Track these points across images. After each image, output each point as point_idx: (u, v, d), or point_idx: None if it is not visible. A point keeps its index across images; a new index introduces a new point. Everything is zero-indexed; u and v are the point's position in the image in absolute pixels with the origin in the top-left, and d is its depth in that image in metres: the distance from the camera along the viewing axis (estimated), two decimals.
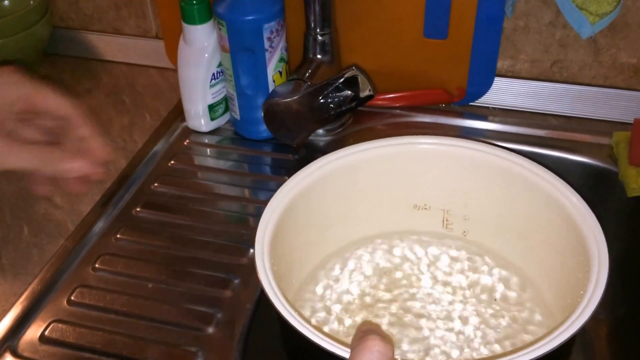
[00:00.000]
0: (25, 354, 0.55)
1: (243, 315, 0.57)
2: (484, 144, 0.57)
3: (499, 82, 0.79)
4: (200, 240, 0.65)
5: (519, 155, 0.55)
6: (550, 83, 0.79)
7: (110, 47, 0.94)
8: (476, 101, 0.81)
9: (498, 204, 0.58)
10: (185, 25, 0.74)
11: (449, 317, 0.55)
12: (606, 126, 0.76)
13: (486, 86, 0.79)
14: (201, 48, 0.74)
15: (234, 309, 0.58)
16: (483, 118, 0.79)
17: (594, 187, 0.72)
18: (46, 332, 0.56)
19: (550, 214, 0.53)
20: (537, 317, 0.55)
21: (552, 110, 0.79)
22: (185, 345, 0.55)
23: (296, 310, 0.43)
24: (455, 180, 0.59)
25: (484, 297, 0.57)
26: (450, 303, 0.57)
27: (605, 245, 0.47)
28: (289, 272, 0.55)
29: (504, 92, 0.80)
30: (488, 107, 0.81)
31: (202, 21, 0.73)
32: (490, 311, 0.56)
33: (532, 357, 0.39)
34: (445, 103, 0.81)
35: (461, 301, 0.57)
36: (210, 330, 0.56)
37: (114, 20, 0.92)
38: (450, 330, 0.54)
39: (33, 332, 0.56)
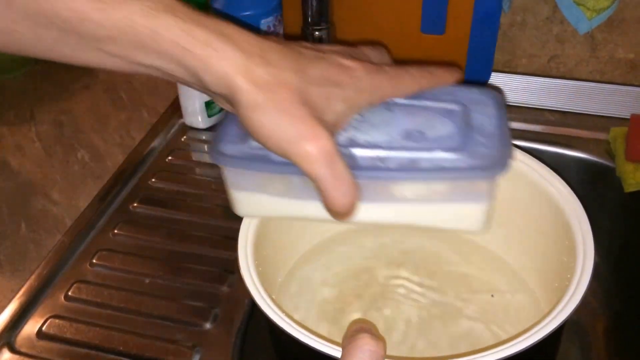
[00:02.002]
0: (23, 349, 0.55)
1: (240, 311, 0.57)
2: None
3: (496, 78, 0.79)
4: (198, 235, 0.65)
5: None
6: (547, 78, 0.79)
7: None
8: None
9: None
10: None
11: (432, 306, 0.55)
12: (603, 121, 0.76)
13: (483, 81, 0.79)
14: None
15: (231, 304, 0.58)
16: None
17: (591, 183, 0.72)
18: (44, 328, 0.56)
19: (531, 197, 0.53)
20: (521, 300, 0.55)
21: (549, 105, 0.79)
22: (182, 340, 0.55)
23: (283, 311, 0.43)
24: None
25: (465, 284, 0.56)
26: (434, 290, 0.56)
27: (589, 228, 0.46)
28: (274, 270, 0.54)
29: (501, 87, 0.80)
30: None
31: None
32: (474, 298, 0.55)
33: (523, 346, 0.39)
34: None
35: (442, 289, 0.56)
36: (208, 325, 0.56)
37: None
38: (434, 316, 0.54)
39: (30, 328, 0.57)
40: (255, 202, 0.44)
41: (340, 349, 0.37)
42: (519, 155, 0.53)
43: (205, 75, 0.36)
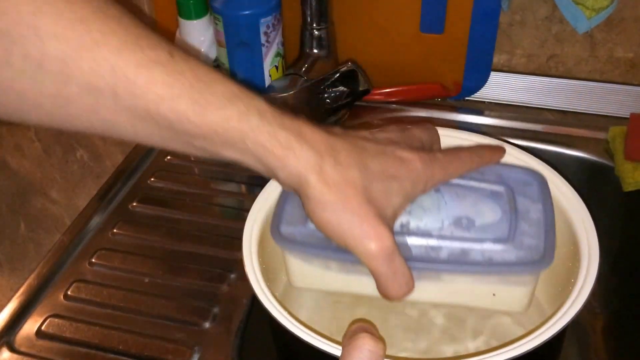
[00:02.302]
0: (22, 348, 0.55)
1: (239, 310, 0.57)
2: (472, 133, 0.56)
3: (495, 77, 0.79)
4: (197, 235, 0.65)
5: (506, 144, 0.54)
6: (546, 78, 0.79)
7: None
8: (472, 96, 0.81)
9: None
10: (181, 20, 0.74)
11: (434, 306, 0.55)
12: (602, 121, 0.76)
13: (482, 81, 0.79)
14: (197, 43, 0.74)
15: (230, 303, 0.58)
16: (479, 112, 0.79)
17: (590, 182, 0.72)
18: (43, 327, 0.57)
19: None
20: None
21: (548, 104, 0.79)
22: (181, 340, 0.55)
23: (286, 308, 0.43)
24: None
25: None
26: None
27: (595, 234, 0.47)
28: (278, 268, 0.54)
29: (500, 86, 0.80)
30: (484, 102, 0.81)
31: (198, 16, 0.73)
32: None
33: (526, 349, 0.39)
34: (442, 97, 0.81)
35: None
36: (207, 325, 0.56)
37: None
38: (436, 321, 0.54)
39: (30, 327, 0.57)
40: (311, 276, 0.46)
41: (341, 347, 0.37)
42: (526, 158, 0.53)
43: (280, 172, 0.39)
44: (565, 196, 0.50)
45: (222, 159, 0.40)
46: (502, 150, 0.50)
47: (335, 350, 0.40)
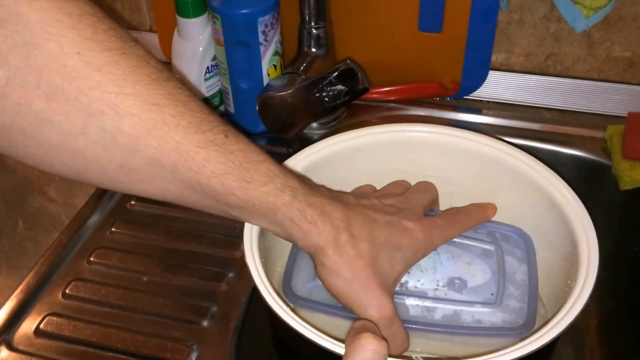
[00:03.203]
0: (21, 347, 0.55)
1: (238, 309, 0.57)
2: (473, 132, 0.57)
3: (493, 76, 0.80)
4: (195, 233, 0.65)
5: (508, 145, 0.55)
6: (544, 76, 0.79)
7: None
8: (470, 94, 0.81)
9: (484, 192, 0.57)
10: (179, 19, 0.74)
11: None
12: (600, 119, 0.76)
13: (480, 79, 0.79)
14: (195, 42, 0.74)
15: (228, 302, 0.58)
16: (477, 111, 0.79)
17: (587, 180, 0.72)
18: (41, 326, 0.57)
19: (537, 203, 0.53)
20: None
21: (546, 103, 0.80)
22: (180, 338, 0.55)
23: (288, 305, 0.43)
24: (442, 168, 0.58)
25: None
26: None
27: (595, 238, 0.47)
28: (276, 261, 0.54)
29: (498, 85, 0.80)
30: (482, 101, 0.81)
31: (196, 15, 0.73)
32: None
33: (523, 353, 0.40)
34: (440, 96, 0.81)
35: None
36: (205, 323, 0.56)
37: (107, 13, 0.91)
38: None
39: (28, 326, 0.57)
40: (317, 320, 0.49)
41: (342, 344, 0.37)
42: (525, 158, 0.54)
43: (301, 242, 0.45)
44: (564, 197, 0.51)
45: (249, 223, 0.48)
46: (494, 208, 0.55)
47: (338, 348, 0.40)
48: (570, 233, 0.48)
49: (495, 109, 0.80)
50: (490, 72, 0.79)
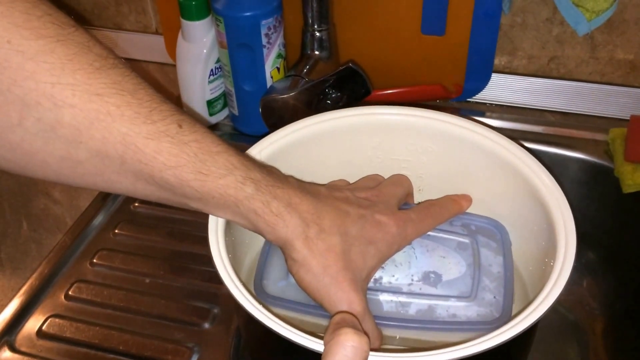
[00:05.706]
0: (23, 348, 0.55)
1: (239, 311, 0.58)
2: (439, 112, 0.55)
3: (496, 79, 0.80)
4: (198, 235, 0.65)
5: (478, 124, 0.54)
6: (547, 79, 0.79)
7: (110, 42, 0.94)
8: (473, 97, 0.81)
9: (455, 174, 0.56)
10: (183, 21, 0.74)
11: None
12: (603, 122, 0.76)
13: (483, 82, 0.79)
14: (199, 44, 0.75)
15: (230, 304, 0.58)
16: (480, 114, 0.79)
17: (590, 183, 0.72)
18: (44, 327, 0.57)
19: (509, 182, 0.52)
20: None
21: (549, 106, 0.79)
22: (181, 340, 0.55)
23: (262, 304, 0.41)
24: (411, 150, 0.57)
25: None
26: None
27: (571, 214, 0.46)
28: (242, 255, 0.53)
29: (501, 88, 0.80)
30: (485, 103, 0.81)
31: (200, 17, 0.73)
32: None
33: (495, 343, 0.39)
34: (443, 99, 0.81)
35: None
36: (207, 325, 0.57)
37: (114, 16, 0.92)
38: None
39: (31, 327, 0.57)
40: (290, 320, 0.48)
41: (319, 341, 0.36)
42: (493, 136, 0.53)
43: (268, 235, 0.43)
44: (537, 175, 0.50)
45: (213, 215, 0.45)
46: (469, 200, 0.54)
47: (315, 345, 0.38)
48: (545, 212, 0.47)
49: (498, 111, 0.80)
50: (493, 75, 0.79)
